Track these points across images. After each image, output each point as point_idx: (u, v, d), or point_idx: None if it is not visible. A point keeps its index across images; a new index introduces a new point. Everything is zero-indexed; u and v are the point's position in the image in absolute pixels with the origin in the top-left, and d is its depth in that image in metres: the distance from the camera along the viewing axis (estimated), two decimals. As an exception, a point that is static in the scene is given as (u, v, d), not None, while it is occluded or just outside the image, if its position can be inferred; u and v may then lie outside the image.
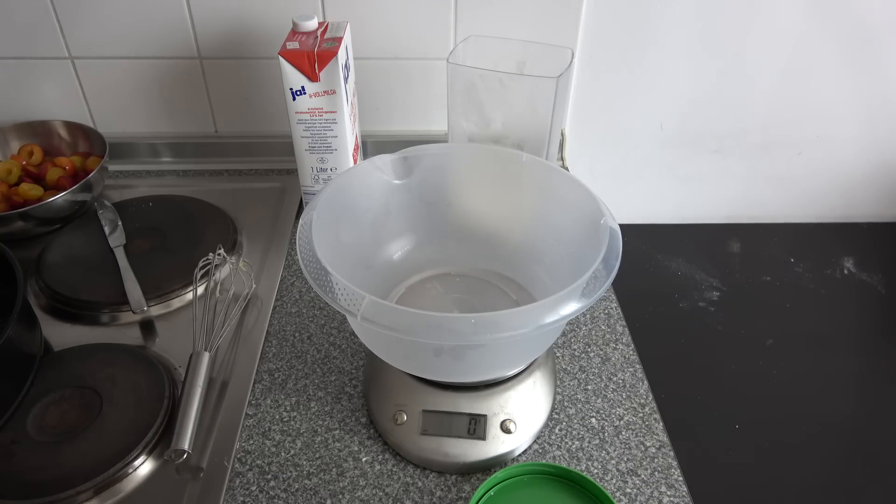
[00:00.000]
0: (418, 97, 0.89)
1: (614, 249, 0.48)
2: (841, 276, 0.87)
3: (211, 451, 0.54)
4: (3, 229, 0.73)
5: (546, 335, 0.52)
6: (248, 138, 0.92)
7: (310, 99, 0.69)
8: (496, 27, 0.82)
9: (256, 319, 0.67)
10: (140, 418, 0.55)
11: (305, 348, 0.64)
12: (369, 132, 0.91)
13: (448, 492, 0.52)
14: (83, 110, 0.89)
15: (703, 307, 0.82)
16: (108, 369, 0.59)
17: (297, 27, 0.71)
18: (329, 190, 0.55)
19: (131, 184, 0.88)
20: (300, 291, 0.71)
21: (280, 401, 0.59)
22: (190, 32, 0.83)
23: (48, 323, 0.66)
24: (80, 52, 0.85)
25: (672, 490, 0.52)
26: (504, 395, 0.54)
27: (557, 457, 0.54)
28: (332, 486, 0.52)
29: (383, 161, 0.59)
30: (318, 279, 0.46)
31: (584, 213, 0.52)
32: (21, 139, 0.85)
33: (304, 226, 0.50)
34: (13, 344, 0.55)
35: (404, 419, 0.53)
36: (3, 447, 0.52)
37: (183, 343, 0.63)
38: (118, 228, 0.76)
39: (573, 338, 0.66)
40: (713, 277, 0.86)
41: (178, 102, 0.89)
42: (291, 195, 0.85)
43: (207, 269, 0.68)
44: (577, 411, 0.58)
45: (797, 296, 0.84)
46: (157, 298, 0.67)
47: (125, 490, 0.51)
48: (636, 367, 0.62)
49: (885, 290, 0.85)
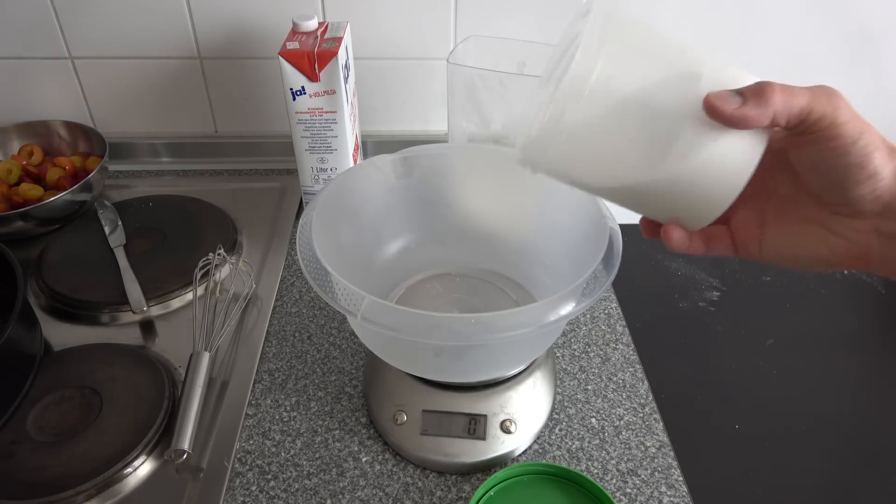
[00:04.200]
0: (418, 97, 0.89)
1: (614, 249, 0.48)
2: (841, 276, 0.87)
3: (211, 451, 0.54)
4: (3, 229, 0.73)
5: (546, 335, 0.52)
6: (248, 138, 0.92)
7: (310, 99, 0.69)
8: (496, 27, 0.82)
9: (256, 319, 0.67)
10: (140, 418, 0.55)
11: (305, 348, 0.64)
12: (369, 132, 0.91)
13: (448, 492, 0.52)
14: (83, 110, 0.89)
15: (703, 307, 0.82)
16: (108, 369, 0.59)
17: (297, 27, 0.71)
18: (329, 190, 0.55)
19: (131, 184, 0.88)
20: (300, 291, 0.71)
21: (280, 401, 0.59)
22: (190, 32, 0.83)
23: (48, 323, 0.66)
24: (80, 52, 0.85)
25: (672, 490, 0.52)
26: (504, 395, 0.54)
27: (557, 457, 0.54)
28: (332, 486, 0.52)
29: (383, 161, 0.59)
30: (318, 279, 0.46)
31: (584, 213, 0.52)
32: (21, 139, 0.85)
33: (304, 226, 0.50)
34: (13, 344, 0.55)
35: (404, 419, 0.53)
36: (3, 447, 0.52)
37: (183, 343, 0.63)
38: (118, 228, 0.76)
39: (573, 338, 0.66)
40: (713, 277, 0.86)
41: (178, 102, 0.89)
42: (291, 195, 0.85)
43: (207, 269, 0.68)
44: (577, 411, 0.58)
45: (797, 296, 0.84)
46: (157, 298, 0.67)
47: (125, 490, 0.51)
48: (636, 367, 0.62)
49: (885, 290, 0.85)
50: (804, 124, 0.31)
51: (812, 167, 0.32)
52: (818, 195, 0.33)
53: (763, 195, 0.35)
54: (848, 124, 0.30)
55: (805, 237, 0.34)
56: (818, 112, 0.30)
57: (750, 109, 0.30)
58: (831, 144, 0.30)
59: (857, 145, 0.30)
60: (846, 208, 0.32)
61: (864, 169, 0.30)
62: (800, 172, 0.33)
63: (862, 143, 0.30)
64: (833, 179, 0.31)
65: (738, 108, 0.30)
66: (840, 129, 0.30)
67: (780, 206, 0.35)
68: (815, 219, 0.33)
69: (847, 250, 0.33)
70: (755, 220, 0.36)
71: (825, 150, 0.31)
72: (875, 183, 0.30)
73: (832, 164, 0.31)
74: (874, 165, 0.30)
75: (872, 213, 0.31)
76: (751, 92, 0.31)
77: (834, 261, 0.33)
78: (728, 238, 0.36)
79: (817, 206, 0.33)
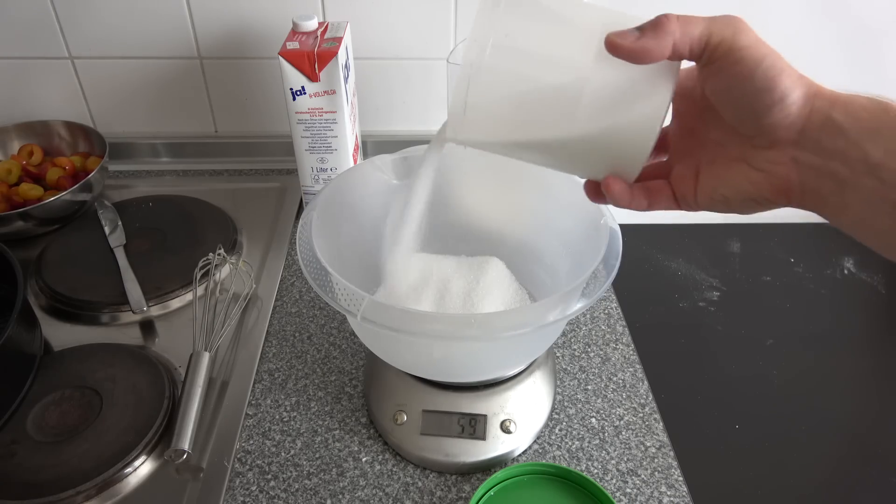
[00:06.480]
0: (418, 97, 0.89)
1: (614, 249, 0.48)
2: (841, 276, 0.87)
3: (211, 451, 0.54)
4: (3, 229, 0.73)
5: (546, 335, 0.52)
6: (248, 138, 0.92)
7: (310, 99, 0.69)
8: (496, 27, 0.82)
9: (256, 319, 0.67)
10: (140, 418, 0.55)
11: (305, 348, 0.64)
12: (369, 132, 0.91)
13: (448, 492, 0.52)
14: (83, 110, 0.89)
15: (703, 307, 0.82)
16: (108, 369, 0.59)
17: (297, 27, 0.71)
18: (329, 190, 0.55)
19: (131, 184, 0.88)
20: (300, 291, 0.71)
21: (280, 401, 0.59)
22: (190, 32, 0.83)
23: (48, 323, 0.66)
24: (80, 52, 0.85)
25: (672, 490, 0.52)
26: (504, 395, 0.54)
27: (557, 457, 0.54)
28: (332, 486, 0.52)
29: (383, 161, 0.59)
30: (318, 279, 0.46)
31: (584, 213, 0.52)
32: (21, 139, 0.85)
33: (304, 226, 0.50)
34: (13, 344, 0.55)
35: (404, 419, 0.53)
36: (3, 447, 0.52)
37: (183, 343, 0.63)
38: (118, 228, 0.76)
39: (573, 338, 0.66)
40: (713, 277, 0.86)
41: (178, 102, 0.89)
42: (291, 195, 0.85)
43: (207, 269, 0.68)
44: (577, 411, 0.58)
45: (797, 296, 0.84)
46: (157, 298, 0.67)
47: (125, 490, 0.51)
48: (636, 367, 0.62)
49: (885, 290, 0.85)
50: (707, 51, 0.31)
51: (723, 98, 0.32)
52: (737, 130, 0.33)
53: (697, 145, 0.36)
54: (750, 48, 0.30)
55: (731, 176, 0.34)
56: (717, 36, 0.30)
57: (649, 41, 0.31)
58: (735, 70, 0.30)
59: (760, 68, 0.30)
60: (762, 139, 0.32)
61: (771, 92, 0.30)
62: (717, 108, 0.33)
63: (765, 66, 0.30)
64: (744, 108, 0.31)
65: (637, 41, 0.31)
66: (741, 53, 0.30)
67: (711, 151, 0.35)
68: (740, 156, 0.33)
69: (769, 183, 0.32)
70: (691, 171, 0.36)
71: (730, 77, 0.31)
72: (785, 108, 0.30)
73: (740, 92, 0.31)
74: (781, 88, 0.30)
75: (788, 142, 0.31)
76: (649, 25, 0.31)
77: (759, 196, 0.33)
78: (669, 191, 0.37)
79: (740, 143, 0.33)
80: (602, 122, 0.34)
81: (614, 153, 0.35)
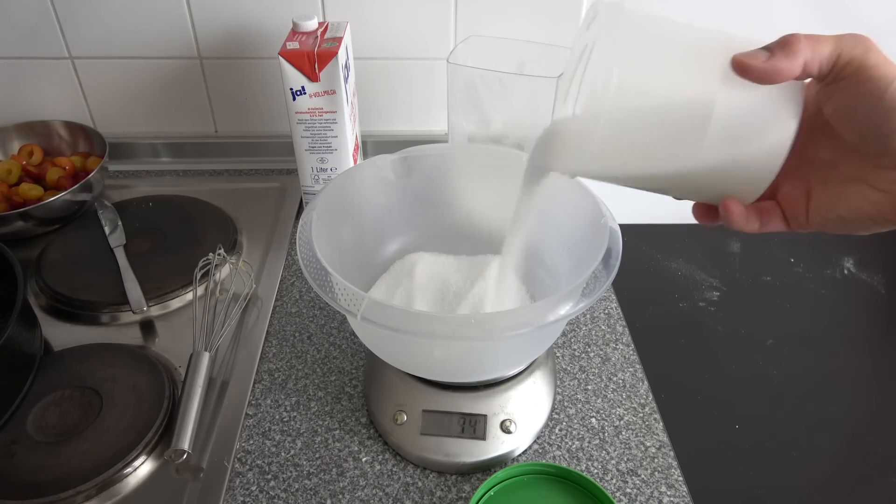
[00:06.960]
0: (418, 97, 0.89)
1: (614, 249, 0.48)
2: (841, 276, 0.87)
3: (211, 451, 0.54)
4: (3, 229, 0.73)
5: (546, 335, 0.52)
6: (248, 138, 0.92)
7: (310, 99, 0.69)
8: (496, 27, 0.82)
9: (256, 319, 0.67)
10: (140, 418, 0.55)
11: (305, 348, 0.64)
12: (369, 132, 0.91)
13: (448, 492, 0.52)
14: (83, 110, 0.89)
15: (703, 307, 0.82)
16: (108, 369, 0.59)
17: (297, 27, 0.71)
18: (329, 190, 0.55)
19: (131, 184, 0.88)
20: (300, 291, 0.71)
21: (280, 401, 0.59)
22: (190, 32, 0.83)
23: (48, 323, 0.66)
24: (80, 52, 0.85)
25: (672, 490, 0.52)
26: (504, 395, 0.54)
27: (557, 457, 0.54)
28: (332, 486, 0.52)
29: (383, 161, 0.59)
30: (318, 279, 0.46)
31: (584, 214, 0.52)
32: (21, 139, 0.85)
33: (304, 226, 0.50)
34: (13, 344, 0.55)
35: (404, 419, 0.53)
36: (3, 447, 0.52)
37: (183, 343, 0.63)
38: (118, 228, 0.76)
39: (573, 338, 0.66)
40: (713, 277, 0.86)
41: (178, 102, 0.89)
42: (291, 195, 0.85)
43: (207, 269, 0.68)
44: (577, 411, 0.58)
45: (797, 296, 0.84)
46: (157, 298, 0.67)
47: (125, 490, 0.51)
48: (636, 367, 0.62)
49: (885, 290, 0.85)
50: (835, 70, 0.30)
51: (848, 117, 0.32)
52: (858, 150, 0.32)
53: (805, 164, 0.35)
54: (879, 67, 0.29)
55: (848, 197, 0.33)
56: (846, 56, 0.30)
57: (779, 61, 0.30)
58: (864, 89, 0.30)
59: (891, 87, 0.29)
60: (887, 159, 0.31)
61: None
62: (837, 128, 0.33)
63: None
64: (870, 128, 0.31)
65: (767, 60, 0.30)
66: (871, 72, 0.29)
67: (822, 172, 0.34)
68: (857, 177, 0.33)
69: (892, 204, 0.32)
70: (801, 191, 0.35)
71: (858, 97, 0.30)
72: None
73: (867, 111, 0.30)
74: None
75: None
76: (777, 45, 0.31)
77: (879, 217, 0.32)
78: (779, 212, 0.36)
79: (858, 163, 0.33)
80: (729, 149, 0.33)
81: (738, 179, 0.34)
